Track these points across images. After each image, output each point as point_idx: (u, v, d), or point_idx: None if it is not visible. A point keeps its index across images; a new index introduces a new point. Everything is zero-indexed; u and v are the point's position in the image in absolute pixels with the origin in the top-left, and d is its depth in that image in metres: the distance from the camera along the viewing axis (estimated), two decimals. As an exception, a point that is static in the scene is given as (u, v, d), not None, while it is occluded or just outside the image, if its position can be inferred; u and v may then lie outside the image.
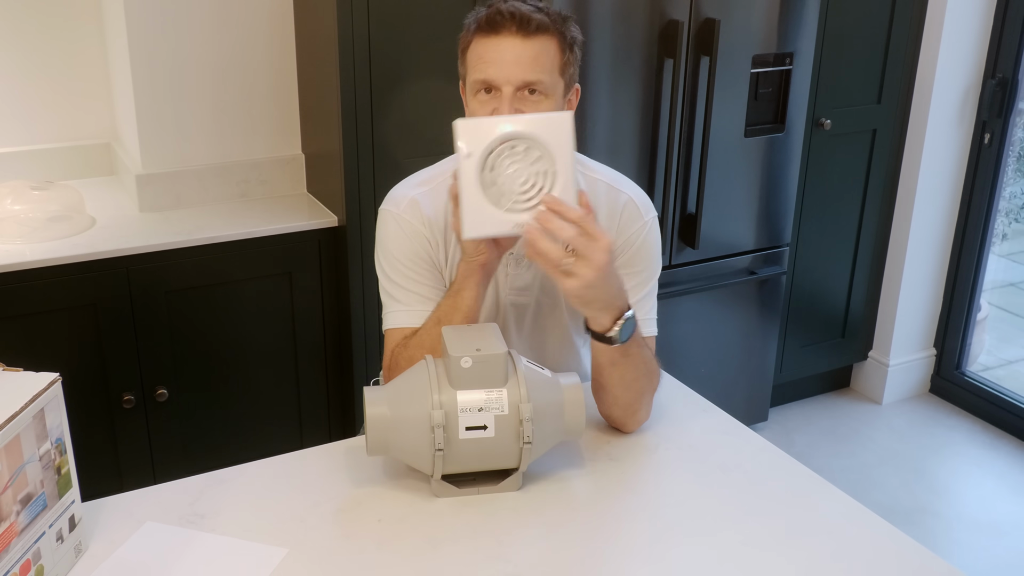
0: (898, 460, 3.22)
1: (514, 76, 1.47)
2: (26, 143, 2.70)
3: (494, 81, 1.48)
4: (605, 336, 1.44)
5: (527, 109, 1.49)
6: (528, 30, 1.46)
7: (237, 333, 2.53)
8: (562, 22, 1.51)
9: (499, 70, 1.47)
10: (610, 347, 1.46)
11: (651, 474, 1.50)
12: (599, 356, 1.50)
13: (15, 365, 1.23)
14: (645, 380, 1.54)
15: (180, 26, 2.55)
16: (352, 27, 2.33)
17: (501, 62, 1.47)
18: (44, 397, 1.18)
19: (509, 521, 1.37)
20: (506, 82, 1.47)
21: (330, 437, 2.56)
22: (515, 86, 1.48)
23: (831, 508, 1.42)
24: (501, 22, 1.47)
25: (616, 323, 1.43)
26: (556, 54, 1.50)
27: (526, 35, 1.47)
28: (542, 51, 1.48)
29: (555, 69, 1.50)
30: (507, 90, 1.48)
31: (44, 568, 1.20)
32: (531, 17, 1.47)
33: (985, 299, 3.73)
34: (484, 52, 1.49)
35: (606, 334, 1.44)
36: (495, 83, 1.48)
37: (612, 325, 1.43)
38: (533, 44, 1.47)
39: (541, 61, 1.48)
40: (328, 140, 2.54)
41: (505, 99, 1.48)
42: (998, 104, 3.24)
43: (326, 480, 1.45)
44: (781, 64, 2.84)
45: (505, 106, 1.48)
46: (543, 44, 1.48)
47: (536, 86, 1.48)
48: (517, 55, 1.47)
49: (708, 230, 2.88)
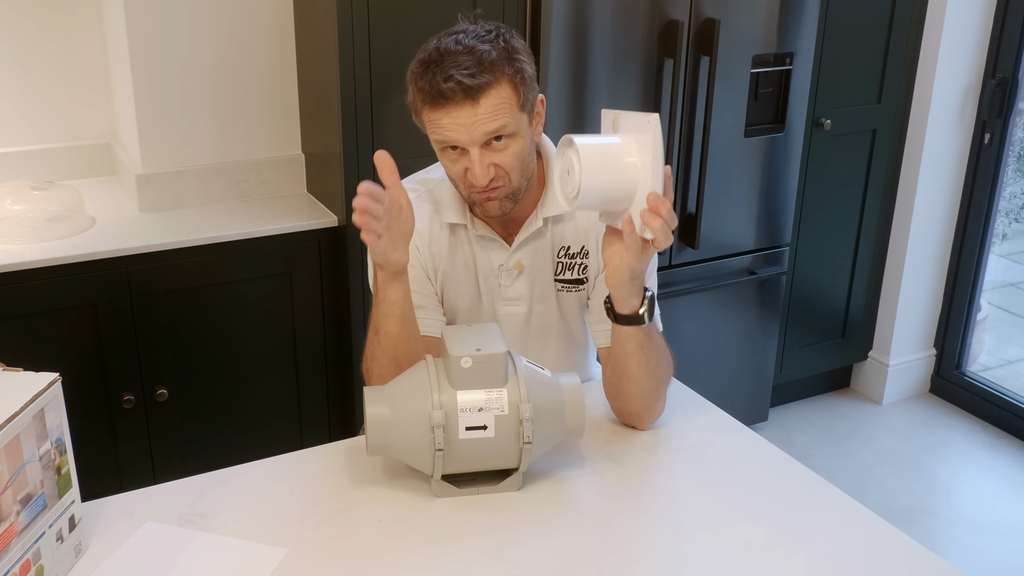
0: (898, 460, 3.22)
1: (475, 135, 1.47)
2: (26, 143, 2.70)
3: (458, 142, 1.48)
4: (636, 316, 1.47)
5: (499, 158, 1.50)
6: (472, 96, 1.44)
7: (237, 333, 2.53)
8: (508, 62, 1.47)
9: (458, 135, 1.47)
10: (639, 329, 1.48)
11: (651, 474, 1.50)
12: (627, 343, 1.50)
13: (15, 365, 1.23)
14: (666, 366, 1.56)
15: (180, 26, 2.55)
16: (352, 27, 2.33)
17: (458, 127, 1.46)
18: (44, 397, 1.18)
19: (509, 521, 1.37)
20: (470, 143, 1.48)
21: (330, 437, 2.55)
22: (479, 144, 1.48)
23: (831, 508, 1.42)
24: (447, 93, 1.44)
25: (643, 302, 1.46)
26: (511, 95, 1.47)
27: (473, 102, 1.45)
28: (495, 103, 1.46)
29: (514, 109, 1.48)
30: (474, 152, 1.48)
31: (44, 568, 1.20)
32: (469, 86, 1.43)
33: (985, 299, 3.73)
34: (438, 120, 1.48)
35: (638, 312, 1.47)
36: (459, 143, 1.49)
37: (640, 304, 1.46)
38: (486, 101, 1.45)
39: (497, 111, 1.46)
40: (328, 140, 2.54)
41: (475, 161, 1.49)
42: (998, 104, 3.24)
43: (326, 480, 1.45)
44: (781, 64, 2.84)
45: (478, 169, 1.49)
46: (495, 95, 1.45)
47: (500, 132, 1.48)
48: (473, 117, 1.45)
49: (708, 230, 2.88)
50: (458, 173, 1.53)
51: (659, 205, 1.33)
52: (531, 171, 1.57)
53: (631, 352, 1.51)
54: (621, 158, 1.36)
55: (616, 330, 1.50)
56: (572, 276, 1.66)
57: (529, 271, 1.66)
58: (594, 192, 1.36)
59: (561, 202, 1.41)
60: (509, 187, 1.54)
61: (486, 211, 1.57)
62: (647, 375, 1.52)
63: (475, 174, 1.49)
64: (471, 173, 1.50)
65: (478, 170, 1.49)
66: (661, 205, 1.33)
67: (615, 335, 1.51)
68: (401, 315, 1.48)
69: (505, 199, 1.55)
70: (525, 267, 1.65)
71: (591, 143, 1.37)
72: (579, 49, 2.54)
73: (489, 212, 1.57)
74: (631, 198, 1.37)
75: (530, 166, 1.56)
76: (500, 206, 1.56)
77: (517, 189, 1.55)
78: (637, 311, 1.47)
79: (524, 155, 1.53)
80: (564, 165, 1.40)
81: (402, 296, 1.48)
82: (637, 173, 1.35)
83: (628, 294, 1.45)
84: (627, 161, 1.36)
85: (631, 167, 1.35)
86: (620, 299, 1.46)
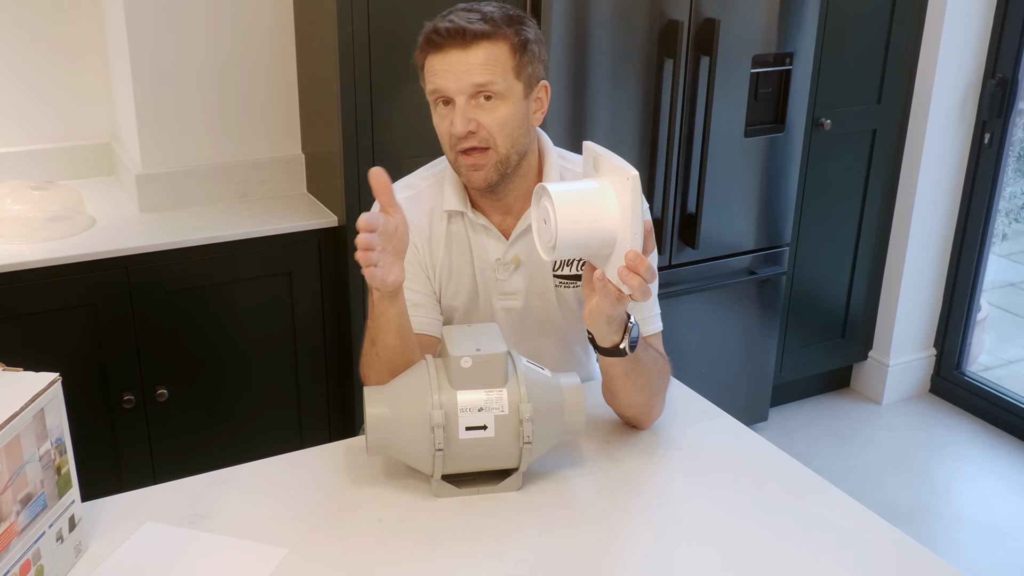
0: (898, 460, 3.22)
1: (463, 84, 1.49)
2: (26, 143, 2.70)
3: (445, 90, 1.50)
4: (616, 350, 1.45)
5: (483, 116, 1.50)
6: (466, 40, 1.48)
7: (237, 333, 2.53)
8: (508, 24, 1.51)
9: (447, 81, 1.49)
10: (622, 360, 1.46)
11: (651, 474, 1.50)
12: (611, 369, 1.50)
13: (15, 365, 1.23)
14: (657, 380, 1.55)
15: (180, 26, 2.54)
16: (352, 27, 2.33)
17: (447, 72, 1.49)
18: (44, 397, 1.18)
19: (509, 521, 1.37)
20: (457, 92, 1.50)
21: (330, 437, 2.55)
22: (467, 94, 1.49)
23: (831, 508, 1.42)
24: (439, 40, 1.49)
25: (624, 336, 1.43)
26: (507, 57, 1.50)
27: (465, 46, 1.48)
28: (488, 57, 1.48)
29: (508, 72, 1.50)
30: (460, 100, 1.50)
31: (44, 568, 1.20)
32: (466, 28, 1.48)
33: (985, 299, 3.73)
34: (434, 66, 1.51)
35: (618, 347, 1.44)
36: (447, 92, 1.50)
37: (621, 339, 1.44)
38: (477, 52, 1.48)
39: (490, 65, 1.48)
40: (328, 140, 2.54)
41: (458, 109, 1.50)
42: (998, 104, 3.24)
43: (326, 480, 1.45)
44: (781, 64, 2.84)
45: (459, 116, 1.49)
46: (489, 50, 1.48)
47: (488, 89, 1.49)
48: (465, 64, 1.48)
49: (708, 230, 2.88)
50: (444, 130, 1.54)
51: (637, 264, 1.30)
52: (522, 148, 1.55)
53: (617, 376, 1.50)
54: (598, 207, 1.31)
55: (601, 358, 1.49)
56: (571, 272, 1.65)
57: (527, 265, 1.65)
58: (571, 243, 1.32)
59: (540, 251, 1.38)
60: (496, 155, 1.52)
61: (471, 182, 1.55)
62: (636, 392, 1.52)
63: (455, 122, 1.50)
64: (452, 123, 1.50)
65: (458, 118, 1.49)
66: (640, 264, 1.30)
67: (601, 361, 1.50)
68: (398, 329, 1.48)
69: (491, 168, 1.53)
70: (523, 261, 1.64)
71: (566, 192, 1.32)
72: (579, 49, 2.54)
73: (474, 183, 1.55)
74: (611, 244, 1.33)
75: (521, 141, 1.55)
76: (485, 176, 1.54)
77: (505, 159, 1.53)
78: (617, 345, 1.44)
79: (513, 124, 1.52)
80: (540, 214, 1.36)
81: (399, 313, 1.47)
82: (615, 224, 1.31)
83: (607, 333, 1.43)
84: (605, 211, 1.31)
85: (609, 217, 1.31)
86: (599, 335, 1.44)
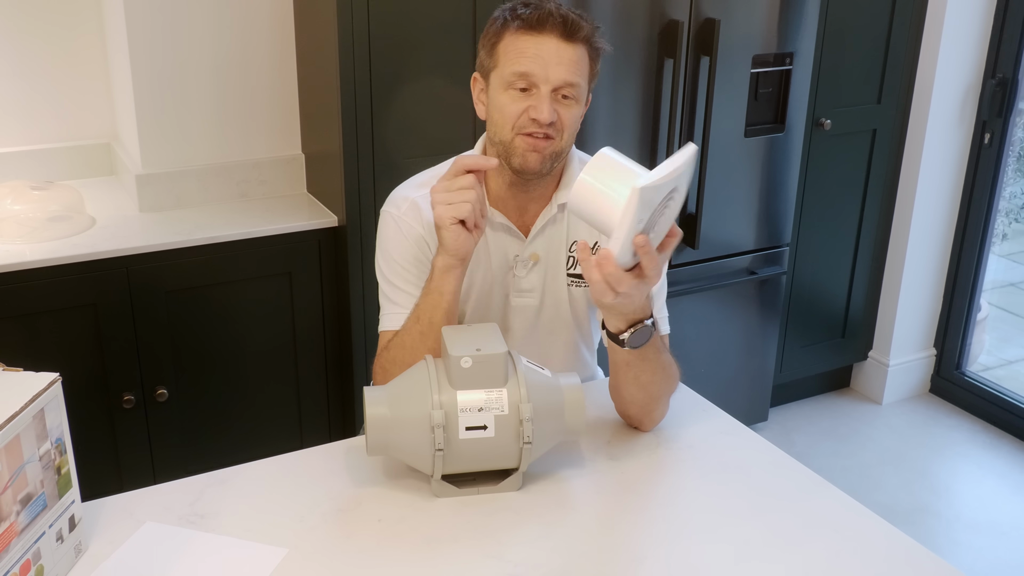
0: (898, 460, 3.22)
1: (555, 75, 1.47)
2: (26, 143, 2.70)
3: (534, 76, 1.47)
4: (617, 338, 1.45)
5: (560, 112, 1.50)
6: (573, 34, 1.47)
7: (237, 333, 2.53)
8: (594, 33, 1.52)
9: (541, 67, 1.47)
10: (623, 349, 1.46)
11: (651, 474, 1.50)
12: (613, 355, 1.50)
13: (15, 365, 1.23)
14: (662, 383, 1.54)
15: (180, 26, 2.54)
16: (352, 27, 2.33)
17: (544, 59, 1.47)
18: (44, 397, 1.18)
19: (509, 521, 1.37)
20: (545, 80, 1.47)
21: (330, 437, 2.55)
22: (554, 86, 1.48)
23: (831, 508, 1.42)
24: (548, 21, 1.46)
25: (630, 329, 1.43)
26: (588, 64, 1.51)
27: (569, 39, 1.47)
28: (580, 57, 1.49)
29: (586, 77, 1.51)
30: (545, 89, 1.48)
31: (44, 568, 1.20)
32: (578, 23, 1.47)
33: (985, 299, 3.73)
34: (525, 47, 1.48)
35: (618, 336, 1.45)
36: (535, 79, 1.48)
37: (626, 329, 1.44)
38: (574, 49, 1.48)
39: (579, 66, 1.49)
40: (328, 140, 2.54)
41: (544, 98, 1.48)
42: (998, 104, 3.24)
43: (326, 480, 1.45)
44: (781, 64, 2.84)
45: (544, 105, 1.47)
46: (581, 51, 1.49)
47: (572, 90, 1.49)
48: (560, 56, 1.47)
49: (708, 230, 2.88)
50: (515, 112, 1.50)
51: (604, 264, 1.31)
52: (571, 149, 1.57)
53: (619, 364, 1.51)
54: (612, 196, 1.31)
55: (607, 339, 1.50)
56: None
57: (543, 263, 1.65)
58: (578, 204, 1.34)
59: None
60: (558, 145, 1.52)
61: (526, 162, 1.52)
62: (636, 388, 1.52)
63: (541, 109, 1.47)
64: (535, 109, 1.48)
65: (546, 106, 1.47)
66: (606, 265, 1.31)
67: (607, 343, 1.51)
68: (448, 308, 1.49)
69: (548, 157, 1.53)
70: (540, 258, 1.65)
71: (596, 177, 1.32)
72: (579, 49, 2.54)
73: (530, 164, 1.52)
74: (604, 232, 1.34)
75: (572, 142, 1.56)
76: (541, 161, 1.52)
77: (560, 153, 1.54)
78: (620, 333, 1.45)
79: (577, 125, 1.54)
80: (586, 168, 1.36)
81: (453, 291, 1.49)
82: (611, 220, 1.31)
83: (608, 316, 1.44)
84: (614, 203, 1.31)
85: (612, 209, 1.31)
86: (605, 316, 1.45)
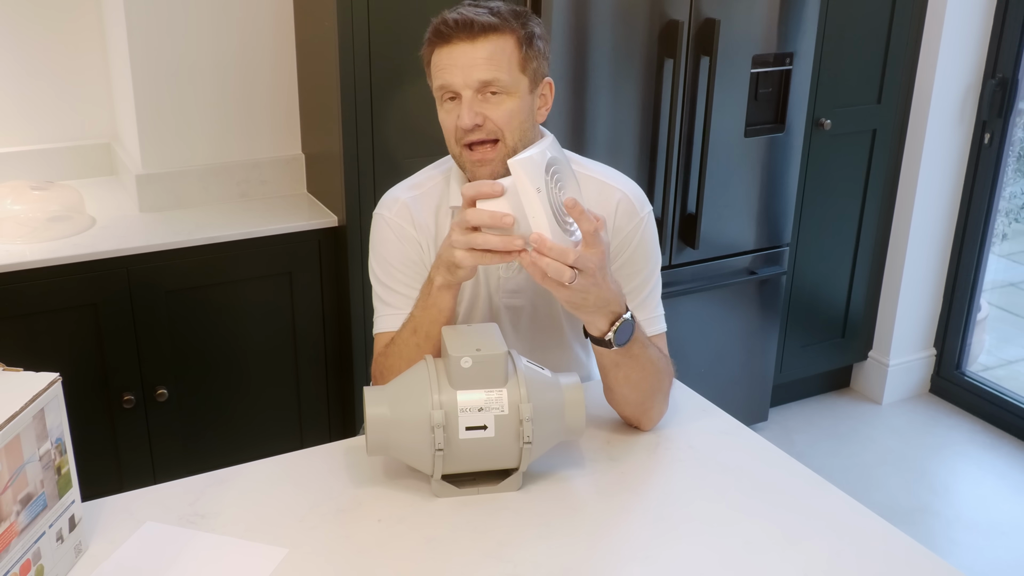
0: (898, 460, 3.22)
1: (469, 78, 1.48)
2: (26, 143, 2.70)
3: (452, 86, 1.49)
4: (603, 340, 1.44)
5: (490, 111, 1.49)
6: (473, 32, 1.47)
7: (237, 333, 2.53)
8: (515, 18, 1.51)
9: (453, 75, 1.49)
10: (610, 350, 1.45)
11: (651, 474, 1.50)
12: (601, 358, 1.50)
13: (15, 365, 1.23)
14: (654, 379, 1.53)
15: (180, 26, 2.55)
16: (352, 27, 2.33)
17: (456, 66, 1.48)
18: (44, 397, 1.18)
19: (509, 521, 1.37)
20: (463, 86, 1.49)
21: (330, 437, 2.56)
22: (473, 88, 1.49)
23: (831, 508, 1.42)
24: (447, 31, 1.48)
25: (612, 327, 1.42)
26: (513, 51, 1.50)
27: (473, 38, 1.48)
28: (495, 51, 1.48)
29: (513, 66, 1.50)
30: (466, 94, 1.49)
31: (44, 568, 1.20)
32: (474, 20, 1.47)
33: (985, 299, 3.73)
34: (440, 61, 1.50)
35: (603, 338, 1.44)
36: (454, 87, 1.49)
37: (608, 329, 1.43)
38: (484, 45, 1.48)
39: (496, 60, 1.48)
40: (328, 140, 2.54)
41: (465, 103, 1.49)
42: (998, 104, 3.24)
43: (326, 480, 1.45)
44: (781, 64, 2.84)
45: (465, 110, 1.48)
46: (495, 44, 1.48)
47: (494, 85, 1.49)
48: (470, 58, 1.48)
49: (708, 230, 2.88)
50: (450, 125, 1.52)
51: (541, 245, 1.30)
52: (528, 142, 1.53)
53: (608, 367, 1.50)
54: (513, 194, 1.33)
55: (592, 345, 1.49)
56: None
57: None
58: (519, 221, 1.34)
59: None
60: (504, 148, 1.51)
61: (476, 176, 1.52)
62: (628, 388, 1.52)
63: (461, 116, 1.48)
64: (459, 116, 1.49)
65: (464, 111, 1.48)
66: (542, 245, 1.30)
67: (593, 349, 1.50)
68: (446, 322, 1.49)
69: (499, 163, 1.51)
70: None
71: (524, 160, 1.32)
72: (579, 49, 2.54)
73: (480, 178, 1.51)
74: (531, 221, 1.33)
75: (528, 135, 1.54)
76: (492, 172, 1.51)
77: (513, 153, 1.51)
78: (604, 334, 1.43)
79: (520, 117, 1.51)
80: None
81: (451, 307, 1.48)
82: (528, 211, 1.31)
83: (588, 317, 1.42)
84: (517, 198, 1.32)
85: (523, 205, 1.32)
86: (584, 321, 1.44)
